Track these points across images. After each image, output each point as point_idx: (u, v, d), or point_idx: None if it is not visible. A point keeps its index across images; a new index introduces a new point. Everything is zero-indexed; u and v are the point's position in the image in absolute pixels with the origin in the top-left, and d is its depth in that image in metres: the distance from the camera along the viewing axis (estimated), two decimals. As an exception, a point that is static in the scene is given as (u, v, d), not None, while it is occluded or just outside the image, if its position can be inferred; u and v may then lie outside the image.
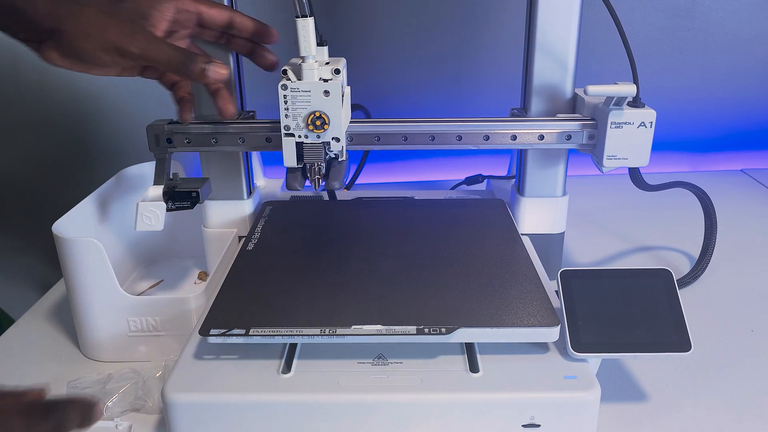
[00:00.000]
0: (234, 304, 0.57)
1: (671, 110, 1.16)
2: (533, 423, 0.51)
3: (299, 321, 0.53)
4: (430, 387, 0.51)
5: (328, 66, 0.60)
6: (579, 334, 0.53)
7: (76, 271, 0.62)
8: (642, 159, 0.67)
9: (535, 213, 0.76)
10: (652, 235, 0.94)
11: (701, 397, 0.60)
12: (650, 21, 1.10)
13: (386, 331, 0.52)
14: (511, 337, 0.53)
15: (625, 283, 0.56)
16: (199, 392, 0.51)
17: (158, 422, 0.57)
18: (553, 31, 0.68)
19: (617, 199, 1.07)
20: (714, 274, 0.82)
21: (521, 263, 0.63)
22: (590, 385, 0.51)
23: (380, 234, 0.70)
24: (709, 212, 0.80)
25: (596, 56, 1.07)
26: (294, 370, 0.53)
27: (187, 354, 0.55)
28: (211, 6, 0.62)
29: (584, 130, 0.68)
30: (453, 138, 0.69)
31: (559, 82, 0.71)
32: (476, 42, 1.09)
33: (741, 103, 1.18)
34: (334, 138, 0.61)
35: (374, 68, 1.10)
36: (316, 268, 0.63)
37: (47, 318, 0.75)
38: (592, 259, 0.88)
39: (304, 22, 0.57)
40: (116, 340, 0.65)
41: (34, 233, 1.17)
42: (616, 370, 0.64)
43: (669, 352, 0.53)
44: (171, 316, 0.63)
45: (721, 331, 0.71)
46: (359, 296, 0.57)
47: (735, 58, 1.14)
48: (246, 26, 0.64)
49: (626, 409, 0.59)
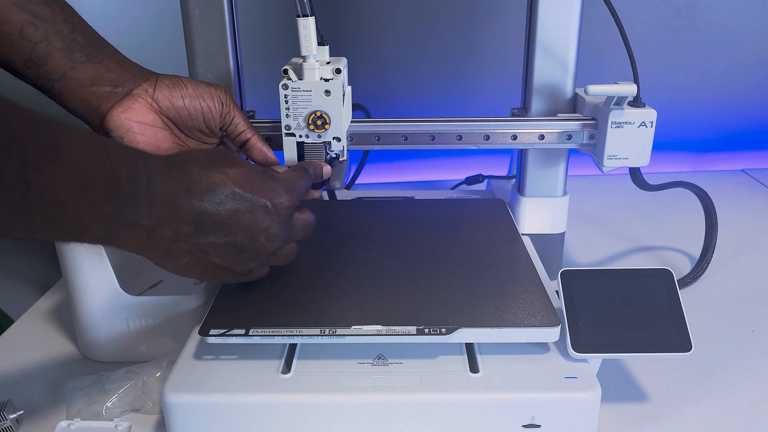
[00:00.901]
0: (233, 304, 0.56)
1: (672, 110, 1.16)
2: (533, 423, 0.51)
3: (299, 321, 0.53)
4: (430, 387, 0.51)
5: (329, 65, 0.60)
6: (579, 334, 0.53)
7: (76, 271, 0.62)
8: (642, 159, 0.67)
9: (536, 213, 0.76)
10: (653, 235, 0.94)
11: (702, 398, 0.60)
12: (651, 20, 1.10)
13: (386, 332, 0.52)
14: (512, 337, 0.53)
15: (626, 284, 0.56)
16: (198, 392, 0.51)
17: (158, 422, 0.57)
18: (553, 31, 0.68)
19: (618, 199, 1.06)
20: (715, 274, 0.81)
21: (521, 263, 0.63)
22: (591, 386, 0.51)
23: (380, 234, 0.70)
24: (709, 212, 0.80)
25: (597, 56, 1.07)
26: (294, 370, 0.53)
27: (187, 354, 0.55)
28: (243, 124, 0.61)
29: (585, 129, 0.68)
30: (453, 138, 0.68)
31: (559, 82, 0.70)
32: (476, 42, 1.09)
33: (741, 102, 1.18)
34: (335, 138, 0.61)
35: (374, 68, 1.10)
36: (316, 268, 0.63)
37: (47, 318, 0.75)
38: (592, 259, 0.88)
39: (305, 22, 0.57)
40: (116, 340, 0.64)
41: (34, 233, 1.17)
42: (616, 370, 0.64)
43: (669, 352, 0.53)
44: (171, 316, 0.63)
45: (721, 331, 0.70)
46: (359, 296, 0.57)
47: (736, 58, 1.14)
48: (256, 152, 0.63)
49: (626, 409, 0.59)
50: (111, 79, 0.55)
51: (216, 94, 0.58)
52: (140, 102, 0.55)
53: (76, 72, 0.54)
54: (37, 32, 0.52)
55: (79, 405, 0.57)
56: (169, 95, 0.56)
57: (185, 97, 0.57)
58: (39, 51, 0.53)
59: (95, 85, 0.55)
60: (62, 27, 0.54)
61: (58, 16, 0.54)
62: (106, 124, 0.55)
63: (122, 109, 0.55)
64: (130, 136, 0.55)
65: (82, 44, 0.54)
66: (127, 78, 0.56)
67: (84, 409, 0.57)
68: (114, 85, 0.55)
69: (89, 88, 0.55)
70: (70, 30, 0.54)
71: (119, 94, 0.55)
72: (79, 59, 0.54)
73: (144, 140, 0.55)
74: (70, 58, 0.54)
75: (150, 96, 0.56)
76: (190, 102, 0.57)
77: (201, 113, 0.58)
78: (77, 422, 0.54)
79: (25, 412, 0.59)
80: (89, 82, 0.55)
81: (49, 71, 0.53)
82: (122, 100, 0.55)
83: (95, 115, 0.55)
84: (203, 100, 0.57)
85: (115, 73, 0.56)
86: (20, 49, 0.52)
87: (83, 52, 0.54)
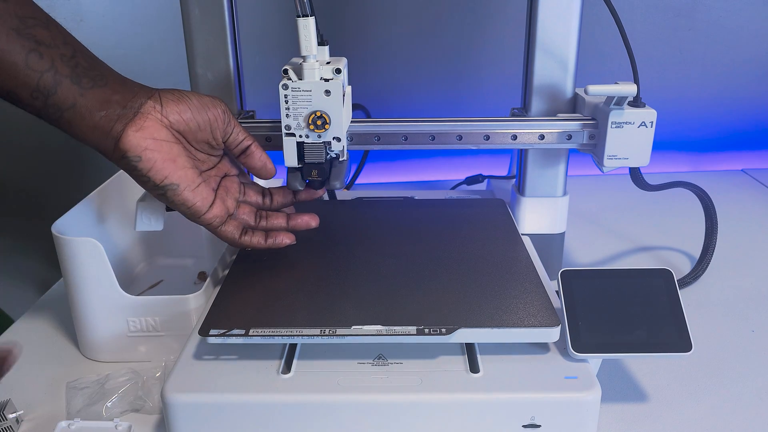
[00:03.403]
0: (234, 304, 0.56)
1: (672, 110, 1.16)
2: (533, 423, 0.51)
3: (299, 321, 0.53)
4: (430, 387, 0.51)
5: (329, 65, 0.60)
6: (579, 334, 0.53)
7: (76, 271, 0.62)
8: (642, 159, 0.67)
9: (536, 213, 0.76)
10: (653, 235, 0.94)
11: (702, 398, 0.60)
12: (651, 20, 1.10)
13: (386, 332, 0.52)
14: (512, 337, 0.53)
15: (626, 284, 0.56)
16: (198, 392, 0.51)
17: (158, 422, 0.57)
18: (553, 31, 0.68)
19: (617, 199, 1.06)
20: (715, 274, 0.81)
21: (522, 263, 0.63)
22: (591, 386, 0.51)
23: (380, 234, 0.70)
24: (709, 212, 0.80)
25: (597, 56, 1.07)
26: (294, 370, 0.53)
27: (187, 354, 0.55)
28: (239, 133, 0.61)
29: (585, 129, 0.68)
30: (453, 138, 0.68)
31: (559, 82, 0.71)
32: (476, 42, 1.09)
33: (741, 102, 1.18)
34: (335, 138, 0.61)
35: (374, 68, 1.10)
36: (316, 268, 0.63)
37: (47, 318, 0.75)
38: (592, 259, 0.88)
39: (305, 22, 0.57)
40: (116, 340, 0.64)
41: (34, 233, 1.17)
42: (616, 370, 0.64)
43: (670, 352, 0.53)
44: (171, 316, 0.63)
45: (721, 331, 0.70)
46: (359, 296, 0.57)
47: (736, 58, 1.14)
48: (256, 159, 0.63)
49: (626, 409, 0.59)
50: (118, 101, 0.53)
51: (218, 104, 0.58)
52: (151, 119, 0.54)
53: (86, 99, 0.52)
54: (42, 60, 0.50)
55: (79, 405, 0.57)
56: (177, 109, 0.55)
57: (192, 110, 0.56)
58: (46, 80, 0.50)
59: (104, 109, 0.53)
60: (64, 51, 0.51)
61: (58, 39, 0.51)
62: (121, 146, 0.53)
63: (135, 128, 0.53)
64: (147, 153, 0.53)
65: (86, 68, 0.52)
66: (131, 97, 0.54)
67: (84, 409, 0.57)
68: (122, 106, 0.53)
69: (99, 112, 0.52)
70: (72, 53, 0.52)
71: (128, 115, 0.53)
72: (87, 85, 0.52)
73: (161, 157, 0.54)
74: (78, 85, 0.51)
75: (159, 112, 0.54)
76: (198, 113, 0.56)
77: (209, 124, 0.57)
78: (77, 422, 0.54)
79: (25, 412, 0.59)
80: (98, 107, 0.52)
81: (58, 101, 0.51)
82: (133, 120, 0.53)
83: (108, 139, 0.53)
84: (209, 111, 0.57)
85: (120, 94, 0.54)
86: (26, 80, 0.49)
87: (89, 77, 0.52)
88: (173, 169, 0.55)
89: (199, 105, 0.57)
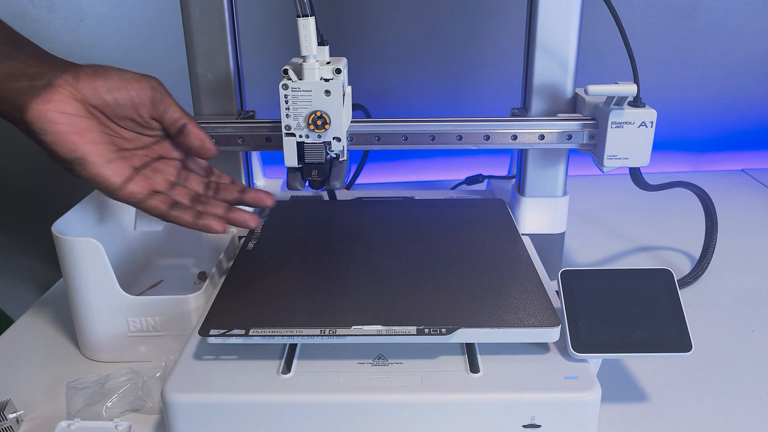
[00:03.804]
0: (234, 304, 0.56)
1: (672, 110, 1.16)
2: (534, 423, 0.51)
3: (299, 321, 0.53)
4: (430, 387, 0.51)
5: (329, 65, 0.60)
6: (579, 334, 0.53)
7: (76, 271, 0.62)
8: (642, 159, 0.67)
9: (536, 213, 0.76)
10: (653, 235, 0.94)
11: (702, 398, 0.60)
12: (651, 20, 1.10)
13: (386, 332, 0.52)
14: (512, 337, 0.53)
15: (626, 283, 0.56)
16: (198, 392, 0.51)
17: (158, 422, 0.57)
18: (553, 31, 0.68)
19: (617, 199, 1.06)
20: (715, 274, 0.81)
21: (522, 263, 0.63)
22: (591, 386, 0.51)
23: (380, 234, 0.70)
24: (709, 212, 0.80)
25: (597, 56, 1.07)
26: (294, 370, 0.53)
27: (187, 354, 0.55)
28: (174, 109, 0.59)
29: (585, 129, 0.68)
30: (453, 138, 0.68)
31: (559, 82, 0.71)
32: (476, 42, 1.09)
33: (741, 102, 1.18)
34: (335, 138, 0.61)
35: (374, 68, 1.10)
36: (316, 268, 0.63)
37: (47, 318, 0.75)
38: (592, 259, 0.88)
39: (305, 22, 0.57)
40: (116, 340, 0.64)
41: (34, 233, 1.17)
42: (616, 370, 0.64)
43: (670, 352, 0.53)
44: (171, 316, 0.63)
45: (721, 331, 0.70)
46: (359, 296, 0.57)
47: (736, 58, 1.14)
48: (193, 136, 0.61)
49: (626, 409, 0.59)
50: (29, 74, 0.53)
51: (146, 81, 0.57)
52: (61, 92, 0.53)
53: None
54: None
55: (79, 405, 0.57)
56: (93, 84, 0.54)
57: (110, 84, 0.55)
58: None
59: (12, 81, 0.52)
60: None
61: None
62: (25, 118, 0.52)
63: (42, 101, 0.52)
64: (51, 126, 0.52)
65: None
66: (45, 70, 0.53)
67: (84, 409, 0.57)
68: (32, 79, 0.53)
69: (6, 85, 0.52)
70: None
71: (38, 87, 0.53)
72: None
73: (66, 129, 0.53)
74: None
75: (71, 85, 0.53)
76: (117, 89, 0.55)
77: (129, 100, 0.56)
78: (77, 422, 0.54)
79: (25, 412, 0.59)
80: (5, 80, 0.52)
81: None
82: (42, 93, 0.53)
83: (15, 111, 0.53)
84: (130, 87, 0.56)
85: (34, 68, 0.53)
86: None
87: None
88: (80, 143, 0.54)
89: (120, 80, 0.56)
